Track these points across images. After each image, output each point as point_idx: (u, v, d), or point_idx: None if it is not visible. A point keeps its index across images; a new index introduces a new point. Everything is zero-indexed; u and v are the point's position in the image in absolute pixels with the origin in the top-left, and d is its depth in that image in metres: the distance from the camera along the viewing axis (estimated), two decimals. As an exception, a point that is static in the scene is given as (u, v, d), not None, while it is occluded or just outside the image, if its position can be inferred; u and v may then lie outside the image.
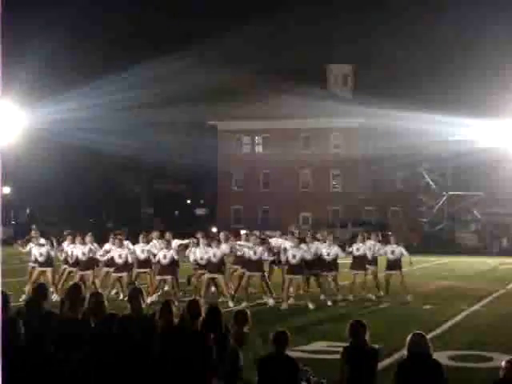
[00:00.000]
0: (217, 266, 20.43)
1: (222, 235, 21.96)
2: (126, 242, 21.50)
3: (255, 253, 20.57)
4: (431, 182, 67.83)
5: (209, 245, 20.72)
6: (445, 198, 66.40)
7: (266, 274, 21.08)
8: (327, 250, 21.30)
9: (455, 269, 36.49)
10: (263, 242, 21.41)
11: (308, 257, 20.35)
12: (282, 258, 20.43)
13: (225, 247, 21.01)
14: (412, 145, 62.42)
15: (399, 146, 63.21)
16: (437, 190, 67.20)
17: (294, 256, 20.03)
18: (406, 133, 61.78)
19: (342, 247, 22.29)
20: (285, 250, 20.62)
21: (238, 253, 21.25)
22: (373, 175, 69.68)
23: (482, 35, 70.55)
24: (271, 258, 21.51)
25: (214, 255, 20.45)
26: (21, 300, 16.77)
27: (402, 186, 71.70)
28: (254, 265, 20.54)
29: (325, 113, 69.85)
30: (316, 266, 21.11)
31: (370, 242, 22.25)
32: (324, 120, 71.45)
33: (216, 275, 20.49)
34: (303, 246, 20.67)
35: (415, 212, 69.05)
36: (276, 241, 22.31)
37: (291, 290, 20.53)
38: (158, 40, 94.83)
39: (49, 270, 21.00)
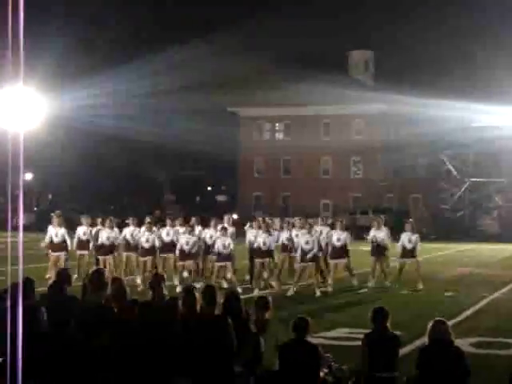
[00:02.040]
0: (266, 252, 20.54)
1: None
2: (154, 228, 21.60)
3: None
4: (453, 169, 67.42)
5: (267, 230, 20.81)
6: (466, 185, 66.02)
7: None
8: (338, 236, 21.22)
9: (476, 255, 36.35)
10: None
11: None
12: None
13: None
14: (433, 131, 62.07)
15: (421, 133, 62.92)
16: (458, 177, 66.82)
17: (307, 243, 19.97)
18: (428, 119, 61.49)
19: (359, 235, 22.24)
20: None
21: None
22: (394, 162, 69.37)
23: (508, 21, 69.87)
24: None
25: (264, 242, 20.54)
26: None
27: (424, 172, 71.34)
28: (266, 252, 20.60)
29: (346, 99, 69.57)
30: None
31: (385, 229, 22.14)
32: (345, 106, 71.21)
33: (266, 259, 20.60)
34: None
35: (436, 199, 68.73)
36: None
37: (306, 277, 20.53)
38: (180, 27, 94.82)
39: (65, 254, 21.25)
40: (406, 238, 21.66)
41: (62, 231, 21.40)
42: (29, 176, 72.90)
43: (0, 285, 12.96)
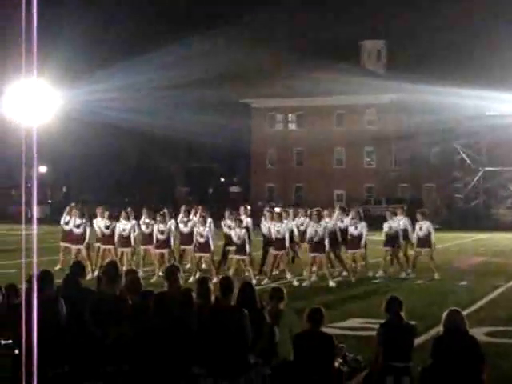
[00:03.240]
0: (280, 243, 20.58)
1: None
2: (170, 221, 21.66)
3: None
4: (466, 158, 67.20)
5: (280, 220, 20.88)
6: (480, 174, 65.78)
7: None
8: (355, 226, 21.18)
9: (491, 245, 36.23)
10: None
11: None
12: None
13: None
14: (447, 120, 61.89)
15: (434, 122, 62.75)
16: (472, 166, 66.58)
17: (316, 233, 19.97)
18: (441, 108, 61.29)
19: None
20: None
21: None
22: (407, 151, 69.21)
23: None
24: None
25: (279, 231, 20.58)
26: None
27: (437, 162, 71.06)
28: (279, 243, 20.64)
29: (358, 89, 69.41)
30: (339, 243, 21.03)
31: (398, 218, 22.07)
32: (358, 96, 71.06)
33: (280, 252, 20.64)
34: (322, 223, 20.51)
35: (450, 188, 68.54)
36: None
37: (314, 268, 20.51)
38: (191, 19, 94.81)
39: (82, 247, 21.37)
40: (418, 227, 21.63)
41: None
42: (43, 169, 73.19)
43: (14, 277, 13.06)
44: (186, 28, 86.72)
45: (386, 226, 21.94)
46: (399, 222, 21.91)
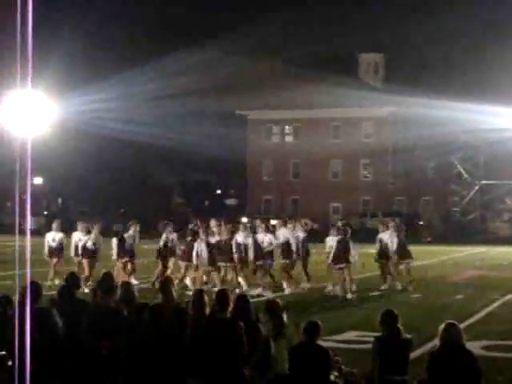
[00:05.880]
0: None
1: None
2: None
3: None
4: (463, 172, 67.29)
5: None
6: (477, 188, 65.83)
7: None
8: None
9: (488, 258, 36.21)
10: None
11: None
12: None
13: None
14: (444, 134, 61.97)
15: (431, 136, 62.82)
16: (469, 180, 66.63)
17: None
18: (438, 122, 61.36)
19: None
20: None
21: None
22: (404, 165, 69.22)
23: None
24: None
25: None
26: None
27: (434, 175, 71.13)
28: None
29: (355, 102, 69.46)
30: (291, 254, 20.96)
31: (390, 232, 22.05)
32: (354, 109, 71.13)
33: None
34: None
35: (447, 201, 68.56)
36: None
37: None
38: (188, 31, 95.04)
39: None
40: (389, 240, 21.62)
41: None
42: (38, 180, 73.06)
43: (10, 288, 12.97)
44: (183, 39, 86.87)
45: (377, 239, 21.96)
46: (390, 234, 21.83)
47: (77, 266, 20.94)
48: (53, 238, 21.71)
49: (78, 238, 21.51)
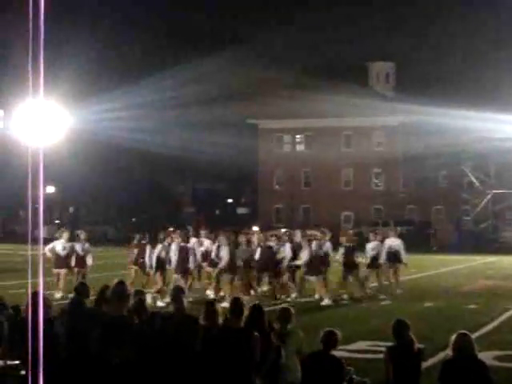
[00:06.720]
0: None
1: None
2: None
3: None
4: (475, 180, 67.03)
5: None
6: (489, 197, 65.57)
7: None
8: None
9: (500, 268, 36.01)
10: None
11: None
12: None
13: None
14: (455, 142, 61.80)
15: (442, 144, 62.63)
16: (481, 188, 66.39)
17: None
18: (449, 130, 61.20)
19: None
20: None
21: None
22: (415, 173, 69.11)
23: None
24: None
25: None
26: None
27: (445, 184, 70.96)
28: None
29: (366, 111, 69.46)
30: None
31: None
32: (366, 118, 71.11)
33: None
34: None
35: (459, 210, 68.35)
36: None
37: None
38: (200, 40, 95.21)
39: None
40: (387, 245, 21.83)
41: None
42: (51, 189, 73.29)
43: (20, 297, 13.01)
44: (194, 48, 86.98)
45: (368, 248, 22.03)
46: (381, 243, 21.99)
47: (55, 278, 20.93)
48: (63, 246, 21.73)
49: (62, 246, 21.54)
